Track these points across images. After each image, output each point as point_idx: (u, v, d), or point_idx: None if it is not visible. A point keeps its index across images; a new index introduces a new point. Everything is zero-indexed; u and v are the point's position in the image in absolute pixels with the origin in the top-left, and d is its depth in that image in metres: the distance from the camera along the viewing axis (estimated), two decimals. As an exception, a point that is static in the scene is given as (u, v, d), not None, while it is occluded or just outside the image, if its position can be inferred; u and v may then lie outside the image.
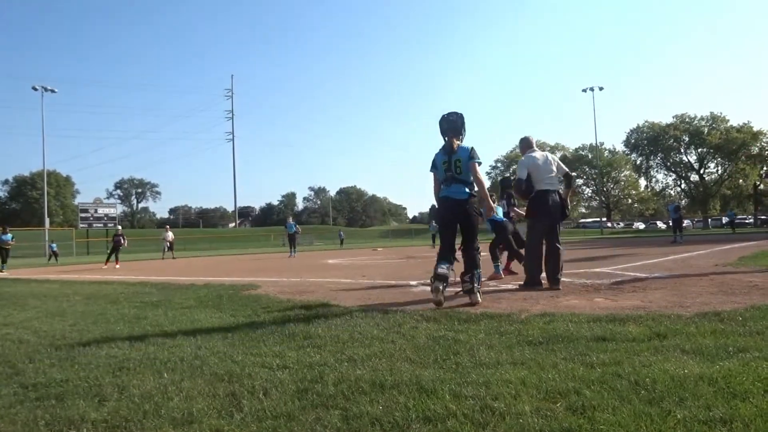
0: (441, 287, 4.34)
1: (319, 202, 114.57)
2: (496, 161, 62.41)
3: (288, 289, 6.42)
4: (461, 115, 4.42)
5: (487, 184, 4.33)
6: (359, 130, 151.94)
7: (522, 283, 5.51)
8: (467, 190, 4.45)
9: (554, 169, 5.46)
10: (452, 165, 4.43)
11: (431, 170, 4.57)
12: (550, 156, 5.54)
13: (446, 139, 4.45)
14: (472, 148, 4.42)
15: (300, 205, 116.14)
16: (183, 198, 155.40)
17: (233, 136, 73.90)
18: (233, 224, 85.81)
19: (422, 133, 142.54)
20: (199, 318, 4.51)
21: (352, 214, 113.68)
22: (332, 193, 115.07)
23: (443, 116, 4.45)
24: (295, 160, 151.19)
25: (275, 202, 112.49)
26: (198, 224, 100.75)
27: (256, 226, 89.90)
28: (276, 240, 50.86)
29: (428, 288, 5.52)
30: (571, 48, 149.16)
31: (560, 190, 5.47)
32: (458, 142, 4.42)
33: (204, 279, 8.51)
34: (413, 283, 6.50)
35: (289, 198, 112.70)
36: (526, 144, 5.71)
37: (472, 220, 4.42)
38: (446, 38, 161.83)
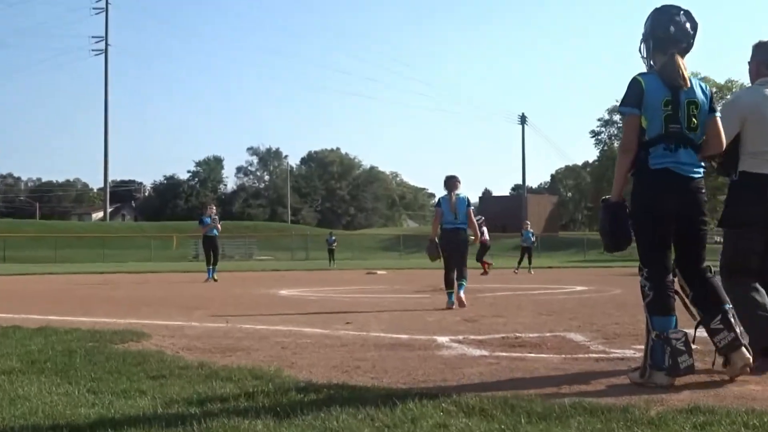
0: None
1: (267, 178, 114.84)
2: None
3: (200, 342, 5.99)
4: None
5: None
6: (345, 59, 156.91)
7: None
8: None
9: None
10: None
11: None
12: None
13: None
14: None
15: (230, 182, 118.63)
16: (8, 163, 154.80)
17: (105, 61, 65.38)
18: (100, 214, 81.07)
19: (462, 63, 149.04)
20: (28, 395, 3.74)
21: (331, 202, 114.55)
22: (293, 161, 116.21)
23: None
24: (223, 106, 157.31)
25: (182, 176, 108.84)
26: (32, 212, 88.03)
27: (145, 220, 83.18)
28: (183, 248, 49.97)
29: (471, 350, 5.47)
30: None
31: None
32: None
33: (40, 318, 7.92)
34: (442, 339, 6.13)
35: (211, 167, 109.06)
36: (762, 56, 4.57)
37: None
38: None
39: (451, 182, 10.58)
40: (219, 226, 18.69)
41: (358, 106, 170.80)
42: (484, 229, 20.52)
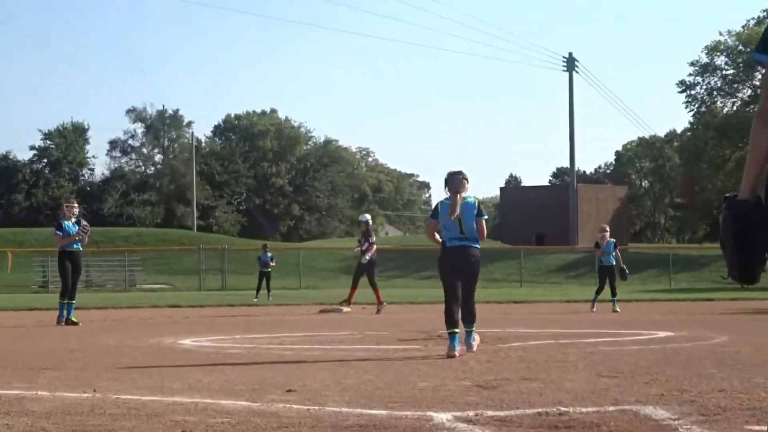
0: None
1: (159, 159, 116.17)
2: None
3: (52, 423, 6.09)
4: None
5: None
6: None
7: None
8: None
9: None
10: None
11: None
12: None
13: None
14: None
15: (99, 164, 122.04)
16: None
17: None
18: None
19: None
20: None
21: (263, 196, 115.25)
22: (202, 130, 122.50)
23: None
24: (85, 41, 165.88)
25: (21, 155, 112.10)
26: None
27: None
28: (22, 270, 50.54)
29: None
30: None
31: None
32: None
33: None
34: (442, 417, 6.29)
35: (68, 142, 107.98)
36: None
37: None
38: None
39: (455, 181, 11.13)
40: (87, 236, 18.64)
41: (302, 42, 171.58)
42: (374, 247, 23.60)
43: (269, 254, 36.83)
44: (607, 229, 24.72)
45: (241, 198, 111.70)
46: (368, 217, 25.29)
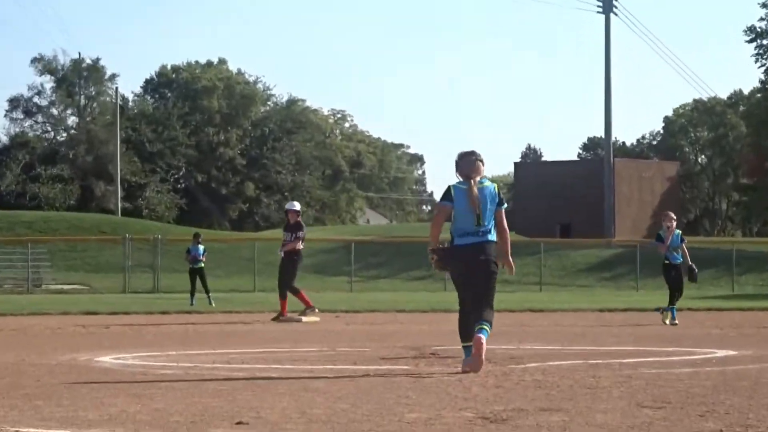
0: None
1: (73, 122, 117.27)
2: None
3: None
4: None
5: None
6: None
7: None
8: None
9: None
10: None
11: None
12: None
13: None
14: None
15: None
16: None
17: None
18: None
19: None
20: None
21: (208, 171, 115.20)
22: (128, 86, 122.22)
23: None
24: None
25: None
26: None
27: None
28: None
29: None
30: None
31: None
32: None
33: None
34: None
35: None
36: None
37: None
38: None
39: (469, 162, 11.41)
40: None
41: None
42: (300, 242, 25.04)
43: (201, 246, 36.94)
44: (674, 217, 24.49)
45: (179, 174, 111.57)
46: (298, 205, 25.53)
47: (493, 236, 11.42)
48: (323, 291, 49.33)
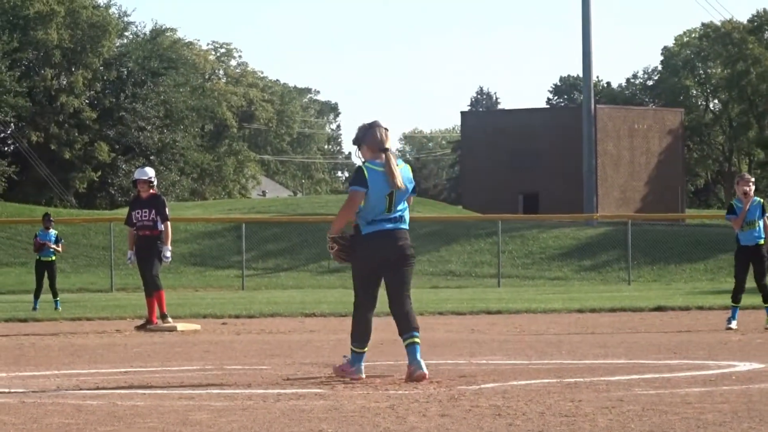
0: None
1: None
2: None
3: None
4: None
5: None
6: None
7: None
8: None
9: None
10: None
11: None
12: None
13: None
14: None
15: None
16: None
17: None
18: None
19: None
20: None
21: (50, 126, 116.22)
22: None
23: None
24: None
25: None
26: None
27: None
28: None
29: None
30: None
31: None
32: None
33: None
34: None
35: None
36: None
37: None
38: None
39: (379, 133, 12.21)
40: None
41: None
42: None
43: (53, 232, 36.86)
44: (752, 179, 23.68)
45: (5, 132, 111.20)
46: (151, 172, 25.56)
47: (406, 224, 12.16)
48: (205, 289, 49.56)
